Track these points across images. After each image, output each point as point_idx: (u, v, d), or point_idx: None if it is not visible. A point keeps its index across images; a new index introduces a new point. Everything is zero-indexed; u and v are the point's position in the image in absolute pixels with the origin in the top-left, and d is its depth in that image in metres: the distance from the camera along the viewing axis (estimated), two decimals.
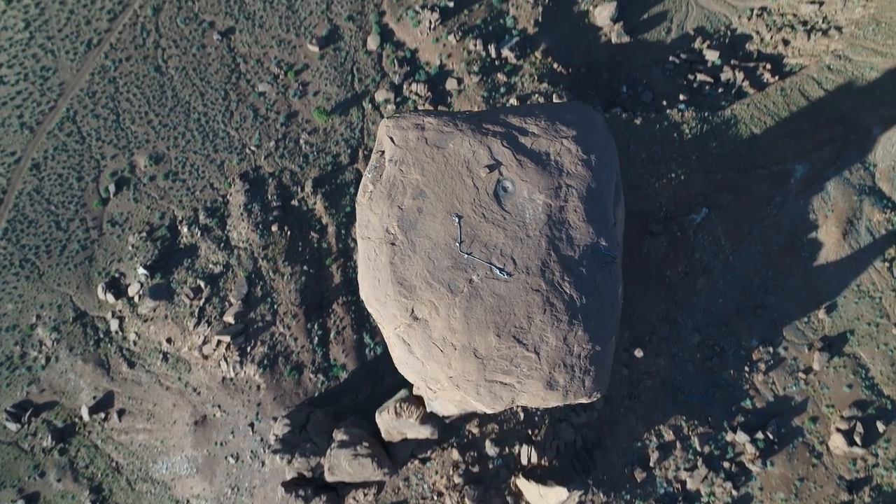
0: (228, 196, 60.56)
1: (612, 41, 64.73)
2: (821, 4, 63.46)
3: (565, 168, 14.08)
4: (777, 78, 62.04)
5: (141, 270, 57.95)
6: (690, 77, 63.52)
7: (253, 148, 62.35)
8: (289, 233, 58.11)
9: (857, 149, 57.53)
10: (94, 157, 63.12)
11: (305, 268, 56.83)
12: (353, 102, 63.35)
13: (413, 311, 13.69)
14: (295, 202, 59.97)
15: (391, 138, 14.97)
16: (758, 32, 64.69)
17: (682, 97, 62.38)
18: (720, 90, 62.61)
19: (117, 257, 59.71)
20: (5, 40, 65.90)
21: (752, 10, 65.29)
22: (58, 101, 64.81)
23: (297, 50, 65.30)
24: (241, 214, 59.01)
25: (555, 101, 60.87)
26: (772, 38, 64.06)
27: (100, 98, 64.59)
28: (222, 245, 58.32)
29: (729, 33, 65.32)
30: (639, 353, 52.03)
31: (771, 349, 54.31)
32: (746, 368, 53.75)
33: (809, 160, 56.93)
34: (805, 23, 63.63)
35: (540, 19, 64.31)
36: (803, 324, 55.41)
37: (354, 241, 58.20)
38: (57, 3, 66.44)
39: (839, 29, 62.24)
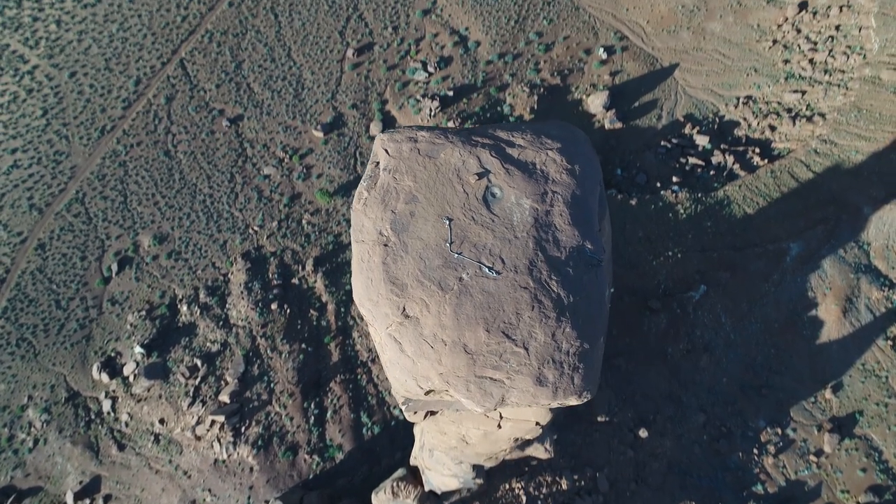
0: (230, 275, 60.99)
1: (606, 127, 67.33)
2: (803, 93, 66.48)
3: (550, 176, 14.70)
4: (766, 161, 64.04)
5: (138, 349, 57.44)
6: (682, 160, 65.57)
7: (256, 228, 63.45)
8: (288, 311, 58.06)
9: (850, 228, 58.49)
10: (100, 237, 64.08)
11: (304, 346, 56.35)
12: (355, 184, 65.03)
13: (404, 309, 13.92)
14: (295, 280, 60.32)
15: (385, 150, 15.76)
16: (745, 119, 67.38)
17: (675, 179, 64.12)
18: (712, 172, 64.45)
19: (115, 336, 59.35)
20: (23, 127, 68.58)
21: (737, 98, 68.31)
22: (68, 184, 66.59)
23: (303, 135, 67.82)
24: (242, 293, 59.20)
25: None
26: (759, 124, 66.67)
27: (109, 181, 66.41)
28: (221, 323, 58.13)
29: (717, 120, 68.04)
30: (643, 434, 50.65)
31: (779, 430, 52.94)
32: (756, 450, 52.14)
33: (804, 239, 57.77)
34: (790, 110, 66.42)
35: (535, 107, 67.23)
36: (811, 404, 54.31)
37: (354, 318, 58.10)
38: (75, 92, 69.67)
39: (823, 116, 64.88)
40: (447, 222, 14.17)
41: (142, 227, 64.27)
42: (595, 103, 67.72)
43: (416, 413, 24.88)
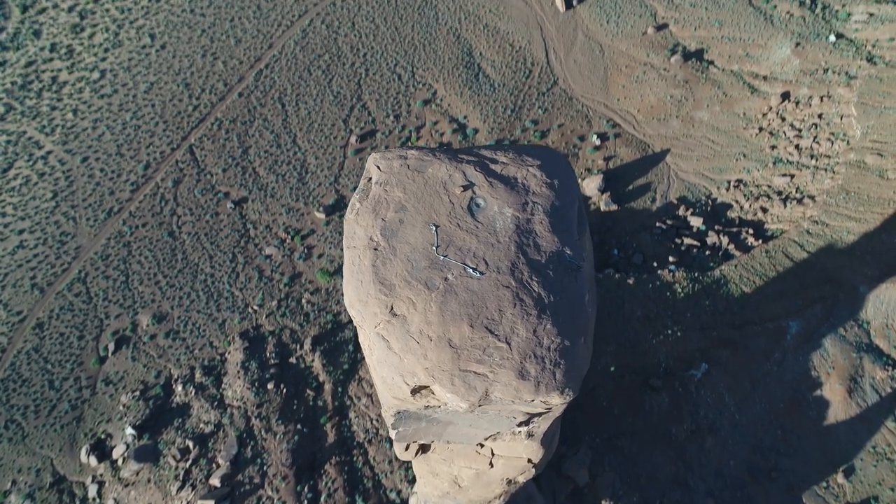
0: (227, 354, 60.52)
1: (602, 209, 68.91)
2: (792, 177, 68.54)
3: (531, 189, 15.59)
4: (760, 241, 65.08)
5: (129, 430, 56.08)
6: (678, 241, 66.64)
7: (255, 307, 63.60)
8: (284, 390, 57.17)
9: (848, 307, 58.58)
10: (99, 317, 64.10)
11: (299, 426, 55.06)
12: None
13: (392, 307, 14.34)
14: (293, 360, 59.77)
15: (377, 166, 16.73)
16: (737, 201, 69.08)
17: (671, 259, 64.92)
18: (707, 253, 65.35)
19: (106, 417, 58.12)
20: (32, 209, 70.23)
21: (728, 182, 70.35)
22: (71, 264, 67.37)
23: (305, 217, 69.33)
24: (238, 372, 58.53)
25: None
26: (750, 206, 68.28)
27: (112, 260, 67.25)
28: (216, 404, 57.09)
29: (710, 202, 69.73)
30: None
31: None
32: None
33: (802, 317, 57.73)
34: (780, 193, 68.23)
35: None
36: (823, 489, 52.34)
37: (351, 398, 57.14)
38: (86, 176, 71.87)
39: (812, 198, 66.57)
40: (434, 228, 15.04)
41: (141, 307, 64.41)
42: (590, 186, 69.66)
43: (407, 449, 24.13)
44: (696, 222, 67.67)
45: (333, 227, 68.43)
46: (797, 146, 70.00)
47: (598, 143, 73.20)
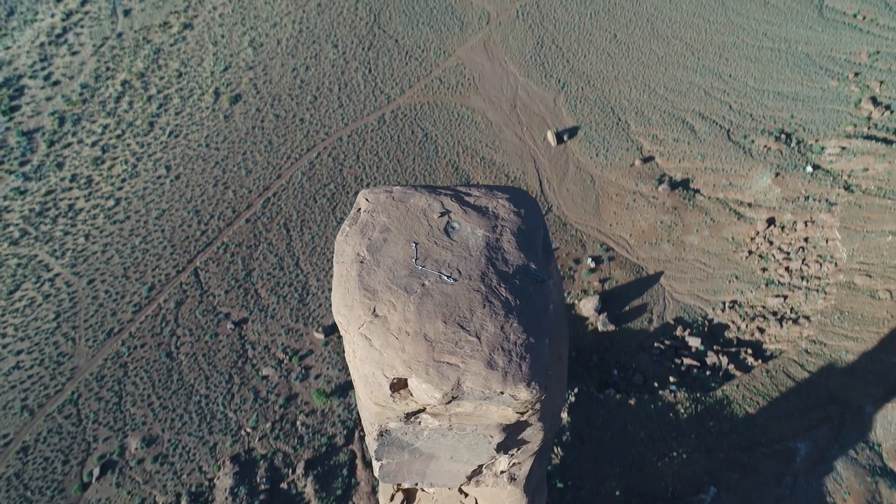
0: (216, 480, 58.16)
1: (599, 329, 69.30)
2: (785, 298, 69.65)
3: (500, 215, 17.38)
4: (760, 361, 64.79)
5: None
6: (677, 361, 66.35)
7: (249, 430, 62.02)
8: None
9: (856, 427, 57.20)
10: (87, 440, 62.30)
11: None
12: (352, 385, 65.03)
13: (375, 309, 15.42)
14: (284, 485, 57.33)
15: (366, 199, 18.64)
16: (733, 322, 69.63)
17: (672, 379, 64.29)
18: (708, 373, 64.81)
19: None
20: (33, 329, 70.62)
21: (723, 303, 71.34)
22: (65, 385, 66.57)
23: (304, 337, 69.56)
24: (226, 499, 55.93)
25: None
26: (747, 326, 68.73)
27: (107, 381, 66.52)
28: None
29: (707, 323, 70.25)
30: None
31: None
32: None
33: (810, 438, 56.19)
34: (775, 313, 68.97)
35: None
36: None
37: None
38: (90, 297, 73.03)
39: (807, 318, 67.22)
40: (414, 245, 16.63)
41: (132, 429, 62.80)
42: (587, 307, 70.56)
43: (392, 500, 22.99)
44: (695, 343, 67.77)
45: (332, 348, 68.44)
46: (787, 268, 71.81)
47: (593, 265, 75.15)
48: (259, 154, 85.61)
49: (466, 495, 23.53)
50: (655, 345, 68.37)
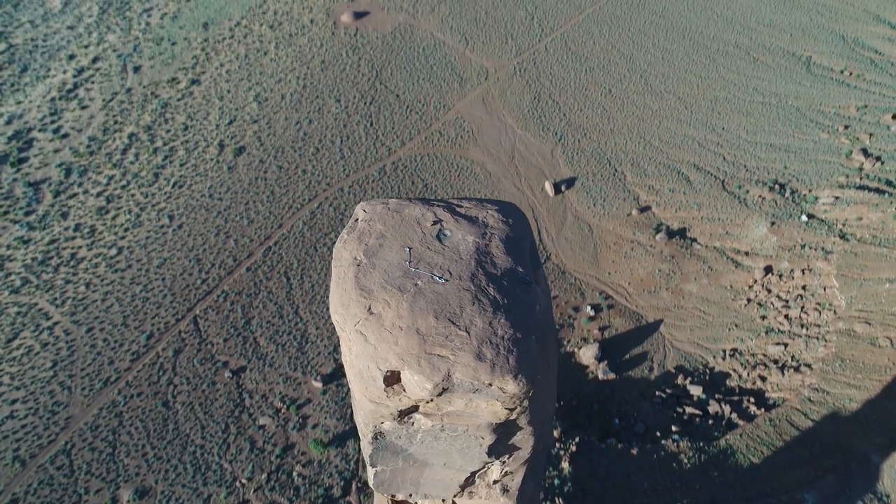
0: None
1: (599, 378, 68.80)
2: (785, 345, 69.41)
3: (489, 224, 18.33)
4: (763, 410, 64.05)
5: None
6: (679, 409, 65.58)
7: (244, 481, 60.81)
8: None
9: (864, 478, 56.09)
10: (78, 492, 61.00)
11: None
12: (350, 434, 64.12)
13: (370, 307, 16.08)
14: None
15: (364, 210, 19.56)
16: (735, 370, 69.17)
17: (674, 428, 63.40)
18: (710, 422, 63.98)
19: None
20: (29, 378, 70.13)
21: (724, 351, 71.05)
22: (59, 435, 65.65)
23: (302, 386, 68.99)
24: None
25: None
26: (748, 374, 68.25)
27: (101, 431, 65.62)
28: None
29: (708, 371, 69.78)
30: None
31: None
32: None
33: (817, 489, 55.04)
34: (776, 361, 68.60)
35: None
36: None
37: None
38: (88, 346, 72.82)
39: (809, 366, 66.82)
40: (408, 250, 17.35)
41: (125, 481, 61.59)
42: (587, 355, 70.24)
43: None
44: (696, 391, 67.13)
45: (330, 397, 67.80)
46: (786, 316, 71.83)
47: (592, 313, 75.18)
48: (261, 204, 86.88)
49: None
50: (657, 393, 67.72)
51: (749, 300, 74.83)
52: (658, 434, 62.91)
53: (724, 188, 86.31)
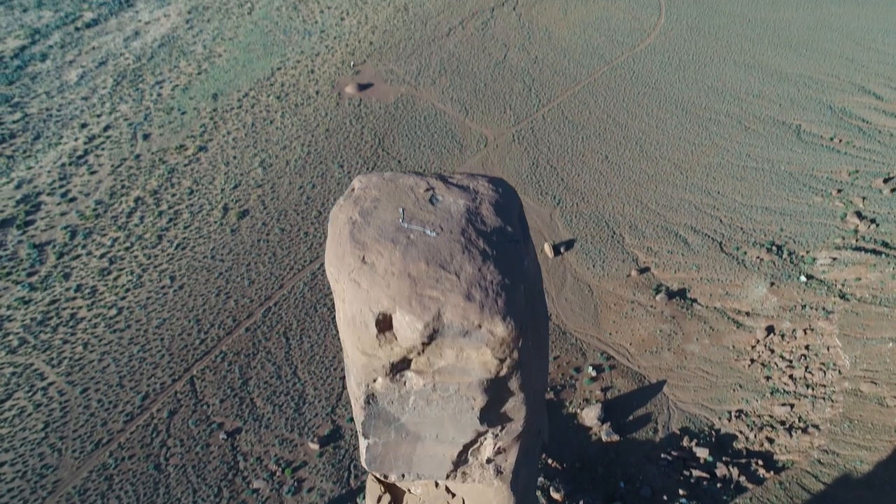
0: None
1: (603, 439, 67.16)
2: (792, 406, 68.10)
3: (480, 191, 18.82)
4: (772, 473, 62.15)
5: None
6: (686, 473, 63.60)
7: None
8: None
9: None
10: None
11: None
12: (346, 499, 62.04)
13: (364, 258, 16.12)
14: None
15: (360, 181, 19.85)
16: (741, 432, 67.57)
17: (681, 492, 61.30)
18: (719, 485, 61.92)
19: None
20: (19, 440, 68.60)
21: (729, 412, 69.64)
22: (45, 500, 63.59)
23: (298, 448, 67.32)
24: None
25: (551, 494, 60.02)
26: (755, 436, 66.62)
27: (89, 496, 63.58)
28: None
29: (714, 433, 68.16)
30: None
31: None
32: None
33: None
34: (783, 422, 67.13)
35: None
36: None
37: None
38: (81, 407, 71.61)
39: (817, 427, 65.34)
40: (401, 210, 17.80)
41: None
42: (590, 416, 68.84)
43: (379, 501, 21.20)
44: (703, 454, 65.33)
45: (327, 459, 66.03)
46: (791, 376, 70.86)
47: (594, 374, 74.22)
48: (263, 265, 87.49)
49: (454, 495, 22.94)
50: (662, 456, 65.88)
51: (752, 360, 74.01)
52: (665, 498, 60.81)
53: (722, 250, 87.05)
